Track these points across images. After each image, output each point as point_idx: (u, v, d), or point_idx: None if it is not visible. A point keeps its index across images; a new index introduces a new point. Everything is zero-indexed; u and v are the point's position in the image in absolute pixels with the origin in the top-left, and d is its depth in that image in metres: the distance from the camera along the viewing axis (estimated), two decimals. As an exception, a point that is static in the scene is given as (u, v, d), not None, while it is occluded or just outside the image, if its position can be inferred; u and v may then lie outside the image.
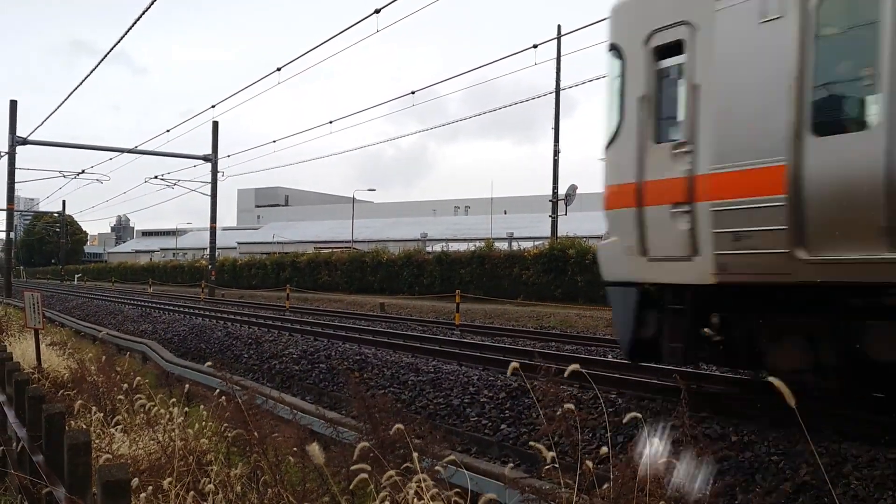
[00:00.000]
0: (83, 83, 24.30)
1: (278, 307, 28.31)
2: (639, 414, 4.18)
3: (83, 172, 45.52)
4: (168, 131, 34.24)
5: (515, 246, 39.84)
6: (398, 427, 4.21)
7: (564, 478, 3.62)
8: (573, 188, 31.87)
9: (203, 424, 5.65)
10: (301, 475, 4.36)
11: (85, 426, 6.18)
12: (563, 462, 3.76)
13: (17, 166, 38.79)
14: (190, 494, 4.24)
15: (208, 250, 46.99)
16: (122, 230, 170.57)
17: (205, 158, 41.81)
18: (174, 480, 4.44)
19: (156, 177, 44.28)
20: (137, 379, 7.02)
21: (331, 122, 32.08)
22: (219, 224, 48.69)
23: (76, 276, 77.19)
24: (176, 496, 4.33)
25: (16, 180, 39.35)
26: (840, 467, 5.42)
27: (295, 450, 4.49)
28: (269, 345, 14.45)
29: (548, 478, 3.70)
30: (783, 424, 6.17)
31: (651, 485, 3.37)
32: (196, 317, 21.98)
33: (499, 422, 7.89)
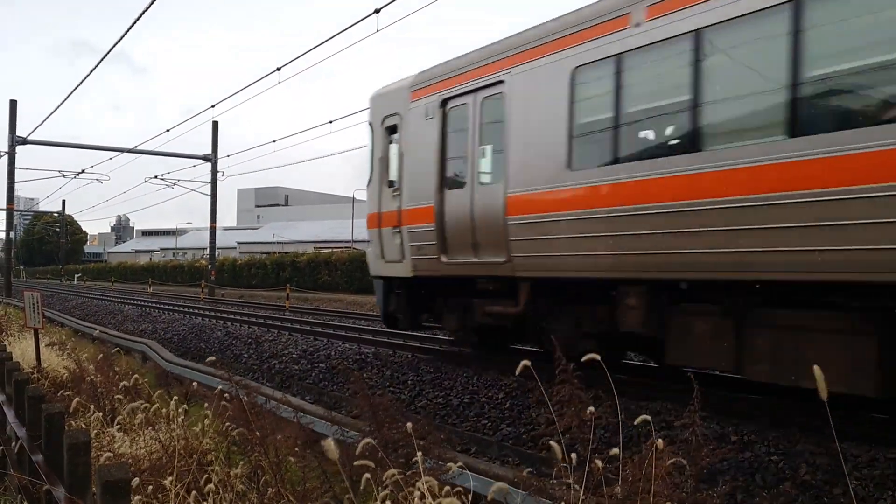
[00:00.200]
0: (83, 83, 24.29)
1: (278, 307, 28.28)
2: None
3: (83, 172, 45.44)
4: (168, 131, 34.36)
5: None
6: (405, 427, 4.22)
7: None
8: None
9: (204, 424, 5.65)
10: (301, 475, 4.36)
11: (84, 426, 6.18)
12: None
13: (17, 166, 38.78)
14: (192, 494, 4.24)
15: (208, 250, 46.93)
16: (122, 230, 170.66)
17: (205, 158, 41.73)
18: (175, 480, 4.43)
19: (156, 176, 44.20)
20: (135, 377, 7.02)
21: (331, 122, 31.95)
22: (219, 224, 48.64)
23: (76, 276, 77.14)
24: (176, 496, 4.32)
25: (16, 180, 39.33)
26: (839, 467, 5.42)
27: (296, 450, 4.49)
28: (269, 344, 14.45)
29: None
30: (783, 424, 6.18)
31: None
32: (196, 316, 21.97)
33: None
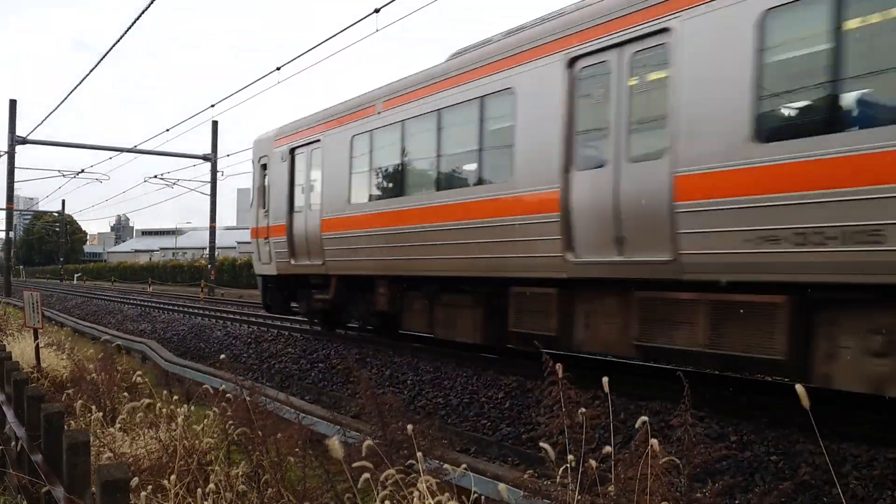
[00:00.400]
0: (83, 82, 24.30)
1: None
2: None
3: (82, 172, 45.35)
4: (168, 130, 34.17)
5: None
6: (406, 427, 4.23)
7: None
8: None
9: (205, 423, 5.64)
10: (301, 474, 4.36)
11: (84, 426, 6.18)
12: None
13: (17, 166, 38.74)
14: (197, 493, 4.23)
15: (208, 250, 46.87)
16: (122, 229, 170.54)
17: (204, 158, 41.63)
18: (175, 479, 4.43)
19: (155, 176, 44.10)
20: (138, 373, 7.02)
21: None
22: (218, 223, 48.54)
23: (76, 276, 77.07)
24: (176, 495, 4.32)
25: (15, 179, 39.28)
26: (839, 467, 5.42)
27: (297, 450, 4.49)
28: (269, 344, 14.45)
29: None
30: (783, 424, 6.18)
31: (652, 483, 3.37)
32: (195, 316, 21.95)
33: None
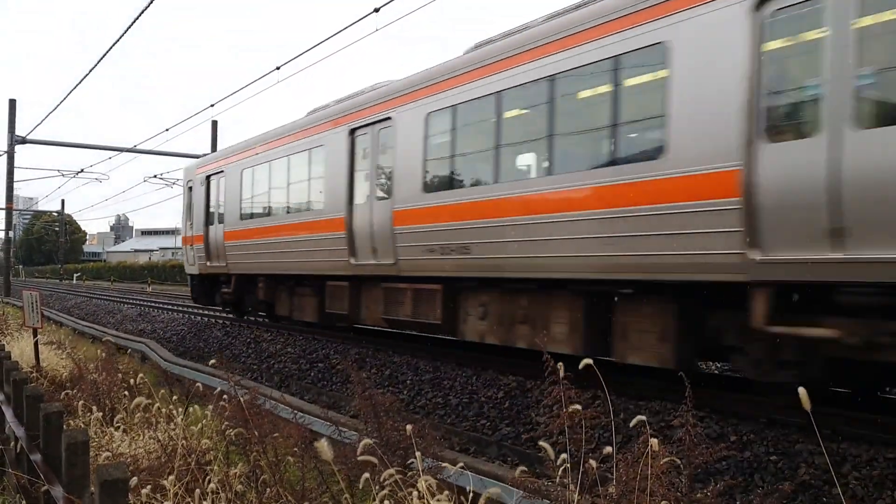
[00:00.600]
0: (82, 82, 24.28)
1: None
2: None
3: (82, 171, 45.27)
4: (167, 130, 33.95)
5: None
6: (404, 427, 4.22)
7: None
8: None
9: (203, 424, 5.64)
10: (300, 474, 4.36)
11: (84, 425, 6.18)
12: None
13: (17, 165, 38.73)
14: (196, 493, 4.23)
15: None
16: (121, 229, 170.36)
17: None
18: (174, 479, 4.42)
19: (155, 176, 44.04)
20: (140, 375, 7.01)
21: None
22: (218, 223, 48.46)
23: (75, 276, 77.04)
24: (174, 495, 4.31)
25: (15, 179, 39.26)
26: (839, 467, 5.42)
27: (295, 450, 4.48)
28: (268, 344, 14.44)
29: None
30: (782, 423, 6.18)
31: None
32: (195, 316, 21.94)
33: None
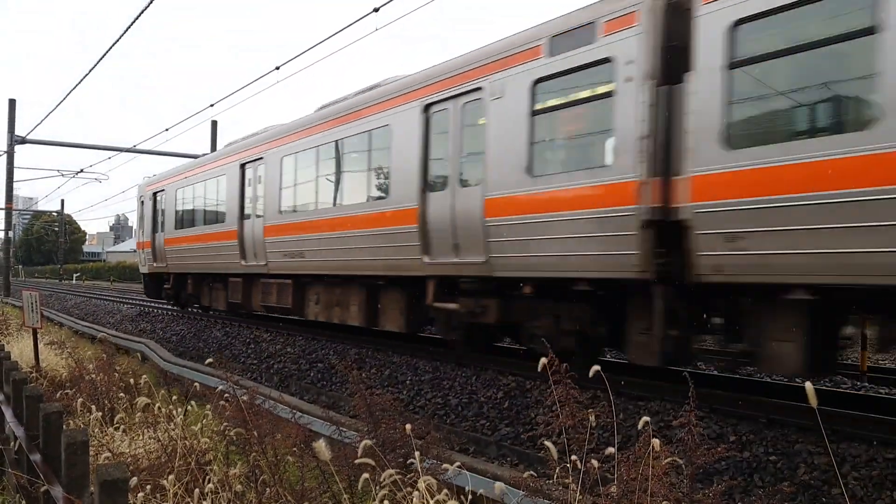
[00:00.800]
0: (82, 82, 24.28)
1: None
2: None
3: (82, 171, 45.26)
4: (167, 130, 33.82)
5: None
6: (403, 427, 4.22)
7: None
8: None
9: (203, 423, 5.64)
10: (300, 474, 4.36)
11: (83, 425, 6.18)
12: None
13: (16, 165, 38.69)
14: (196, 493, 4.23)
15: (207, 249, 46.69)
16: (121, 229, 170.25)
17: (204, 158, 41.57)
18: (174, 479, 4.43)
19: (154, 175, 43.97)
20: (144, 377, 7.01)
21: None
22: (218, 223, 48.36)
23: (74, 276, 77.05)
24: (174, 495, 4.32)
25: (14, 179, 39.26)
26: (838, 467, 5.42)
27: (295, 449, 4.48)
28: (268, 344, 14.44)
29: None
30: (781, 424, 6.19)
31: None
32: (195, 316, 21.94)
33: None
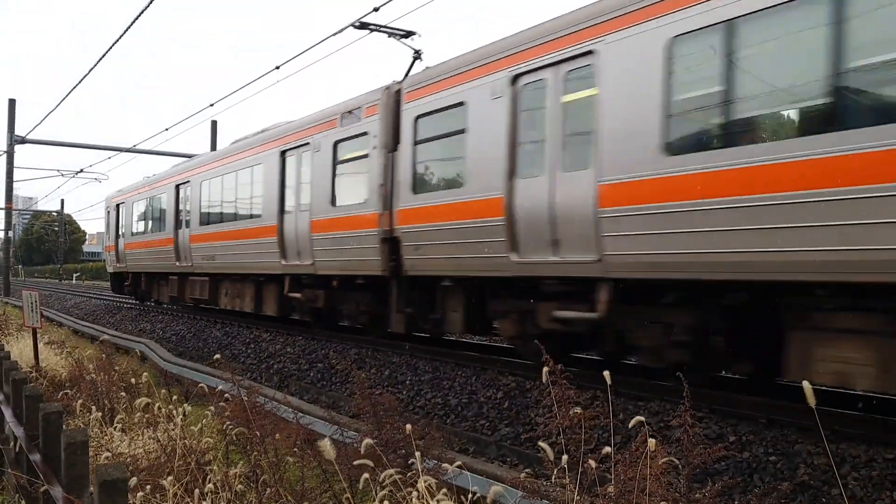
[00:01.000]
0: (82, 81, 24.30)
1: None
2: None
3: (81, 171, 45.21)
4: (167, 130, 33.74)
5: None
6: (404, 427, 4.22)
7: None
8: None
9: (203, 423, 5.63)
10: (300, 474, 4.35)
11: (83, 425, 6.18)
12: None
13: (16, 165, 38.67)
14: (196, 493, 4.23)
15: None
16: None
17: (203, 158, 41.47)
18: (174, 479, 4.42)
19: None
20: (144, 375, 7.01)
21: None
22: (218, 223, 48.31)
23: (74, 275, 77.03)
24: (174, 495, 4.31)
25: (14, 179, 39.22)
26: (838, 467, 5.42)
27: (295, 450, 4.48)
28: (267, 344, 14.43)
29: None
30: (781, 424, 6.19)
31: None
32: (195, 316, 21.92)
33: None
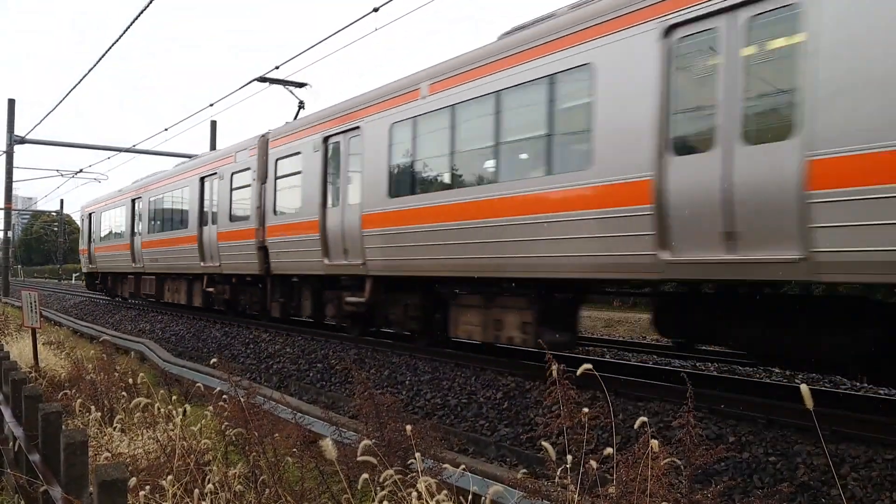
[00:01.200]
0: (82, 82, 24.31)
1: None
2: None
3: (81, 171, 45.18)
4: (166, 130, 33.71)
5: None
6: (405, 428, 4.22)
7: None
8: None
9: (203, 424, 5.63)
10: (299, 475, 4.35)
11: (83, 425, 6.17)
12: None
13: (15, 165, 38.65)
14: (195, 493, 4.22)
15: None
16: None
17: (203, 158, 41.47)
18: (173, 480, 4.42)
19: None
20: (141, 375, 7.01)
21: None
22: (217, 223, 48.31)
23: (74, 276, 76.96)
24: (173, 496, 4.31)
25: (14, 179, 39.18)
26: (837, 468, 5.42)
27: (294, 450, 4.48)
28: (267, 344, 14.43)
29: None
30: (781, 425, 6.19)
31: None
32: (194, 316, 21.92)
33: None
